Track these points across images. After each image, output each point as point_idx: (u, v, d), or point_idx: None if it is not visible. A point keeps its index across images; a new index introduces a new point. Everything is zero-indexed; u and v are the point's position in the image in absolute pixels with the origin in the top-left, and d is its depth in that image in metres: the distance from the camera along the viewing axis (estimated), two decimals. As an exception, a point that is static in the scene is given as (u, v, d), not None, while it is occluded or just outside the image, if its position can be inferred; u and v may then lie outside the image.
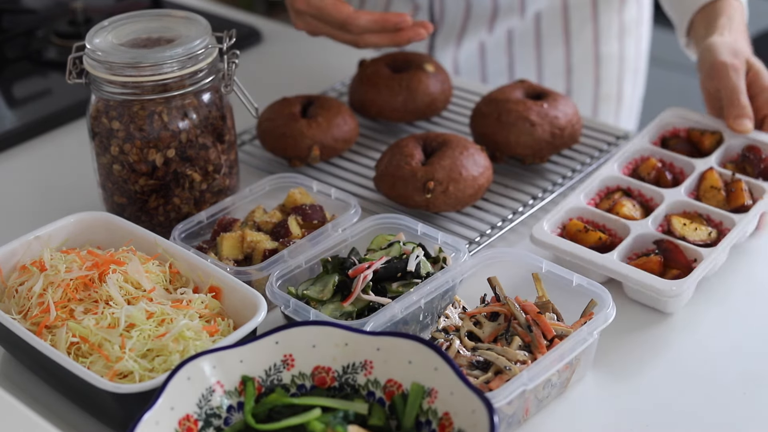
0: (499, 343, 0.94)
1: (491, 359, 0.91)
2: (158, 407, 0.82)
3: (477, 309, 0.98)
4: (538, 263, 1.01)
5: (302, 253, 1.06)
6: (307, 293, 1.01)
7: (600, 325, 0.94)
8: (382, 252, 1.05)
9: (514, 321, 0.95)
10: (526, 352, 0.92)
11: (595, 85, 1.65)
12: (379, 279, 1.01)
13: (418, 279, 1.02)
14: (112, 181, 1.15)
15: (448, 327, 0.97)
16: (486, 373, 0.91)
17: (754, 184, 1.13)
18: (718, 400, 0.95)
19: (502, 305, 0.97)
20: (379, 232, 1.10)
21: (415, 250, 1.03)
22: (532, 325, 0.94)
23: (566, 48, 1.61)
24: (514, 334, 0.94)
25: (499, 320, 0.96)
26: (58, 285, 0.97)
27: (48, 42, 1.65)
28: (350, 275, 1.01)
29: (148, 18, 1.16)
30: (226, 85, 1.14)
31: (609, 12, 1.60)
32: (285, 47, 1.46)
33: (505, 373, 0.90)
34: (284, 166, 1.30)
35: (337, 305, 1.00)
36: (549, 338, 0.93)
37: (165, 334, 0.92)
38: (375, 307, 0.99)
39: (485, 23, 1.58)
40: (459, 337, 0.95)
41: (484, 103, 1.27)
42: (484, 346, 0.94)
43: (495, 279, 1.00)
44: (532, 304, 0.97)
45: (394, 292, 1.01)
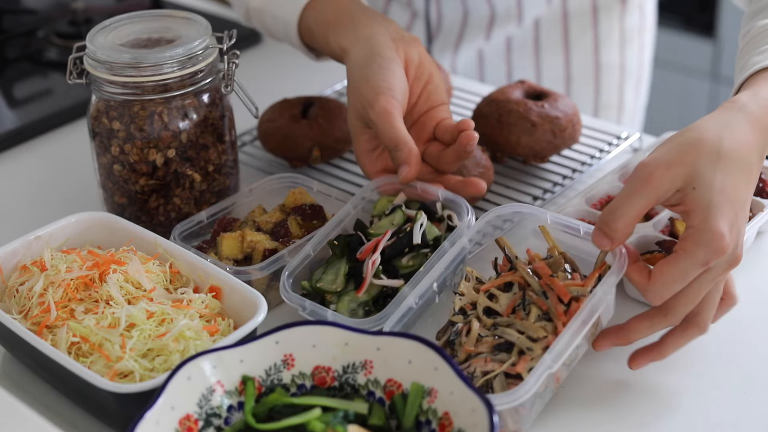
0: (517, 315, 0.93)
1: (512, 340, 0.90)
2: (158, 407, 0.82)
3: (490, 282, 0.96)
4: (543, 215, 1.00)
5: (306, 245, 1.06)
6: (321, 286, 1.01)
7: (614, 280, 0.91)
8: (386, 221, 1.04)
9: (529, 288, 0.94)
10: (546, 321, 0.91)
11: (596, 95, 1.64)
12: (387, 257, 1.01)
13: (426, 248, 1.02)
14: (112, 181, 1.15)
15: (465, 306, 0.95)
16: (509, 354, 0.90)
17: (753, 201, 1.13)
18: (718, 400, 0.95)
19: (515, 273, 0.95)
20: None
21: (419, 218, 1.03)
22: (546, 290, 0.93)
23: (565, 56, 1.60)
24: (530, 302, 0.93)
25: (513, 289, 0.95)
26: (58, 285, 0.97)
27: (48, 42, 1.65)
28: (359, 258, 1.01)
29: (148, 18, 1.16)
30: (226, 85, 1.14)
31: (610, 19, 1.59)
32: (285, 48, 1.46)
33: (528, 354, 0.89)
34: (284, 167, 1.30)
35: (352, 296, 1.00)
36: (566, 302, 0.91)
37: (165, 333, 0.92)
38: (389, 292, 0.99)
39: (483, 30, 1.57)
40: (477, 316, 0.94)
41: (484, 104, 1.27)
42: (503, 321, 0.92)
43: (503, 239, 0.99)
44: (544, 266, 0.94)
45: (405, 268, 1.01)
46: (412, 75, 1.09)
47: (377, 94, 1.04)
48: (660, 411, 0.94)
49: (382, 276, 1.00)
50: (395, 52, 1.08)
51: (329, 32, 1.16)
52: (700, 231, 0.86)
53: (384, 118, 1.03)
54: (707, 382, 0.97)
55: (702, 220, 0.86)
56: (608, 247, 0.90)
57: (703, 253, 0.86)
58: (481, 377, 0.90)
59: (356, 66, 1.08)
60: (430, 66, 1.11)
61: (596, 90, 1.63)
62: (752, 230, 1.10)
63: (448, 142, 1.09)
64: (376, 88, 1.05)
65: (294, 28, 1.22)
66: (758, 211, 1.12)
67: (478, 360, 0.90)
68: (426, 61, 1.10)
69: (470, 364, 0.91)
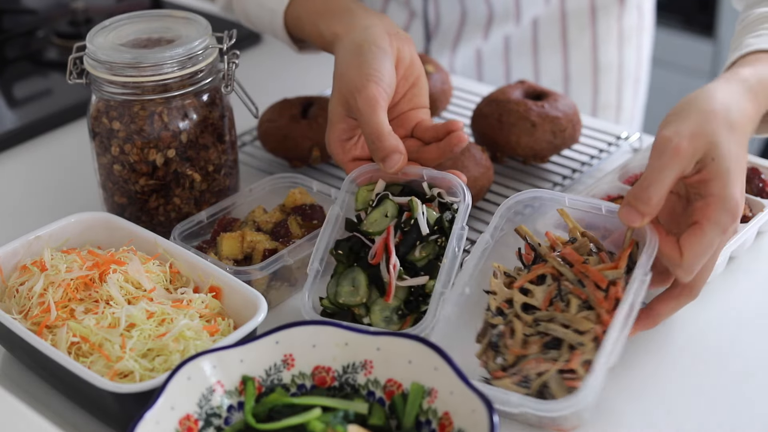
0: (556, 307, 0.92)
1: (559, 335, 0.89)
2: (158, 407, 0.82)
3: (523, 277, 0.95)
4: (560, 198, 0.98)
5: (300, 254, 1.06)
6: (345, 301, 1.00)
7: (650, 258, 0.89)
8: (377, 214, 1.02)
9: (563, 278, 0.92)
10: (587, 309, 0.90)
11: (594, 95, 1.64)
12: (401, 255, 1.00)
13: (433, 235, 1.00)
14: (112, 181, 1.15)
15: (501, 305, 0.94)
16: (558, 350, 0.89)
17: (753, 201, 1.13)
18: (718, 401, 0.95)
19: (546, 265, 0.94)
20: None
21: (417, 207, 1.01)
22: (582, 278, 0.91)
23: (564, 56, 1.60)
24: (567, 293, 0.92)
25: (547, 281, 0.93)
26: (58, 285, 0.97)
27: (48, 42, 1.65)
28: (373, 263, 1.00)
29: (148, 18, 1.16)
30: (226, 85, 1.14)
31: (608, 19, 1.58)
32: (285, 48, 1.46)
33: (579, 348, 0.88)
34: (284, 167, 1.30)
35: (381, 304, 0.99)
36: (604, 287, 0.90)
37: (165, 333, 0.92)
38: (416, 291, 0.98)
39: (481, 30, 1.57)
40: (515, 314, 0.92)
41: (484, 104, 1.27)
42: (543, 315, 0.91)
43: (523, 228, 0.97)
44: (573, 252, 0.93)
45: (420, 260, 0.99)
46: (401, 73, 1.08)
47: (367, 81, 1.03)
48: (660, 411, 0.94)
49: (405, 276, 0.99)
50: (390, 46, 1.07)
51: (320, 20, 1.15)
52: (722, 199, 0.88)
53: (370, 105, 1.02)
54: (708, 383, 0.97)
55: (722, 188, 0.89)
56: (638, 223, 0.89)
57: (726, 219, 0.89)
58: (536, 379, 0.88)
59: (348, 51, 1.07)
60: (419, 69, 1.10)
61: (594, 90, 1.63)
62: (752, 230, 1.10)
63: (428, 141, 1.07)
64: (366, 75, 1.03)
65: (280, 17, 1.22)
66: (758, 211, 1.12)
67: (530, 362, 0.89)
68: (416, 62, 1.10)
69: (521, 367, 0.89)
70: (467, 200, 1.01)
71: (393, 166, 1.01)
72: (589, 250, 0.95)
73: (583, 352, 0.88)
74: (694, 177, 0.90)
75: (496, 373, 0.91)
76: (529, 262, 0.98)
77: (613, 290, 0.90)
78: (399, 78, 1.08)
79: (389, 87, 1.04)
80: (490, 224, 0.99)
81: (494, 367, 0.92)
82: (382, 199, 1.03)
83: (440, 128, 1.06)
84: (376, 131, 1.01)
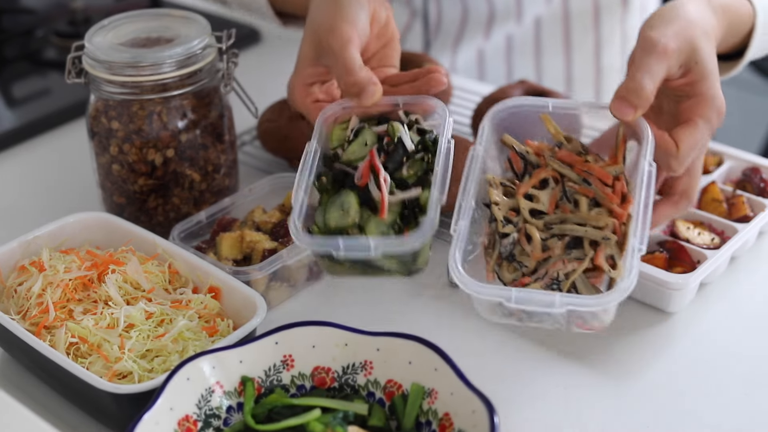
0: (564, 209, 0.91)
1: (580, 234, 0.88)
2: (157, 408, 0.82)
3: (526, 183, 0.93)
4: (544, 103, 0.97)
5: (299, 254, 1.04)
6: (338, 225, 0.94)
7: (650, 151, 0.90)
8: (356, 146, 0.98)
9: (566, 180, 0.92)
10: (595, 206, 0.90)
11: (596, 96, 1.63)
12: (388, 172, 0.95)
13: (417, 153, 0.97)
14: (111, 181, 1.14)
15: (509, 215, 0.92)
16: (580, 250, 0.88)
17: (754, 200, 1.13)
18: (720, 401, 0.95)
19: (547, 169, 0.93)
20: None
21: (397, 127, 0.97)
22: (587, 177, 0.91)
23: (566, 58, 1.60)
24: (573, 193, 0.91)
25: (550, 185, 0.93)
26: (57, 285, 0.97)
27: (47, 42, 1.64)
28: (360, 185, 0.95)
29: (147, 17, 1.16)
30: (225, 85, 1.14)
31: (611, 21, 1.58)
32: (285, 47, 1.46)
33: (603, 243, 0.88)
34: (284, 167, 1.30)
35: (376, 221, 0.93)
36: (610, 183, 0.91)
37: (164, 334, 0.92)
38: (410, 205, 0.94)
39: (482, 28, 1.57)
40: (524, 220, 0.91)
41: (485, 103, 1.27)
42: (554, 218, 0.90)
43: (509, 138, 0.96)
44: (572, 154, 0.93)
45: (409, 177, 0.95)
46: (375, 32, 1.06)
47: (341, 21, 1.01)
48: (661, 411, 0.94)
49: (397, 191, 0.94)
50: (367, 3, 1.05)
51: None
52: (710, 97, 0.95)
53: (342, 42, 0.99)
54: (709, 383, 0.97)
55: (708, 88, 0.95)
56: (631, 117, 0.92)
57: (715, 115, 0.95)
58: (565, 280, 0.88)
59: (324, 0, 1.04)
60: (393, 31, 1.08)
61: (597, 92, 1.63)
62: (754, 231, 1.10)
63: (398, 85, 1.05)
64: (342, 17, 1.01)
65: None
66: (759, 211, 1.11)
67: (556, 264, 0.88)
68: (391, 25, 1.08)
69: (546, 270, 0.88)
70: (448, 117, 0.97)
71: (369, 98, 0.98)
72: (579, 152, 0.95)
73: (607, 246, 0.88)
74: (680, 80, 0.95)
75: (521, 281, 0.89)
76: (520, 171, 0.96)
77: (618, 185, 0.91)
78: (372, 36, 1.06)
79: (363, 33, 1.02)
80: (479, 136, 0.96)
81: (510, 278, 0.90)
82: (359, 131, 0.99)
83: (417, 72, 1.03)
84: (349, 65, 0.98)
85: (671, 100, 0.99)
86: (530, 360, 0.99)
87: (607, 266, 0.88)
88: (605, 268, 0.88)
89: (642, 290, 1.04)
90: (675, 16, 0.96)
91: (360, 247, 0.89)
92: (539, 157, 0.95)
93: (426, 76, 1.02)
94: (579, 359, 0.99)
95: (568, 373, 0.98)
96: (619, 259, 0.88)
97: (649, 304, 1.05)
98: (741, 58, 1.10)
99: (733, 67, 1.11)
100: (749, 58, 1.10)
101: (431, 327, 1.01)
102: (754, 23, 1.06)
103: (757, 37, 1.07)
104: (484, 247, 0.93)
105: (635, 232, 0.87)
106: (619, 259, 0.88)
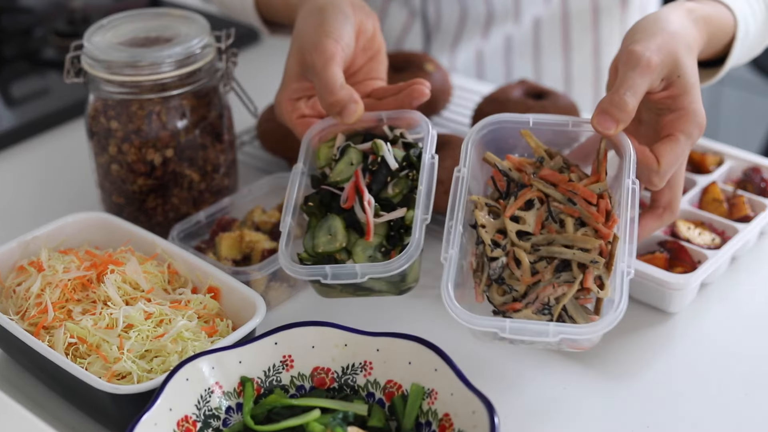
0: (549, 230, 0.92)
1: (568, 257, 0.89)
2: (156, 408, 0.81)
3: (512, 205, 0.93)
4: (524, 119, 0.97)
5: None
6: (325, 250, 0.95)
7: (632, 168, 0.91)
8: (342, 165, 0.99)
9: (550, 200, 0.93)
10: (581, 226, 0.91)
11: (595, 98, 1.63)
12: (374, 195, 0.96)
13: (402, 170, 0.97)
14: (110, 180, 1.14)
15: (496, 238, 0.93)
16: (568, 272, 0.89)
17: (755, 200, 1.13)
18: (720, 401, 0.94)
19: (531, 189, 0.94)
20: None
21: (380, 146, 0.98)
22: (571, 196, 0.92)
23: (565, 58, 1.59)
24: (558, 213, 0.92)
25: (535, 205, 0.93)
26: (56, 285, 0.97)
27: (46, 41, 1.64)
28: (346, 207, 0.96)
29: (146, 17, 1.16)
30: (224, 84, 1.14)
31: (610, 22, 1.58)
32: (284, 47, 1.46)
33: (591, 267, 0.89)
34: (284, 167, 1.30)
35: (363, 244, 0.95)
36: (594, 202, 0.91)
37: (163, 334, 0.92)
38: (396, 225, 0.95)
39: (480, 29, 1.57)
40: (512, 242, 0.91)
41: (485, 103, 1.27)
42: (541, 240, 0.91)
43: (490, 156, 0.96)
44: (555, 173, 0.94)
45: (394, 197, 0.96)
46: (361, 44, 1.07)
47: (325, 37, 1.01)
48: (661, 411, 0.93)
49: (382, 213, 0.95)
50: (352, 15, 1.05)
51: None
52: (691, 112, 0.95)
53: (324, 59, 1.00)
54: (709, 383, 0.97)
55: (690, 102, 0.95)
56: (613, 131, 0.93)
57: (696, 131, 0.96)
58: (555, 304, 0.89)
59: (310, 12, 1.05)
60: (380, 43, 1.09)
61: (596, 93, 1.63)
62: (755, 231, 1.10)
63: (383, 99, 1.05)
64: (325, 32, 1.02)
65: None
66: (760, 211, 1.11)
67: (545, 288, 0.89)
68: (378, 37, 1.08)
69: (536, 294, 0.89)
70: (431, 131, 0.98)
71: (351, 116, 0.99)
72: (561, 168, 0.95)
73: (596, 269, 0.88)
74: (662, 93, 0.96)
75: (512, 306, 0.90)
76: (503, 189, 0.96)
77: (603, 203, 0.92)
78: (358, 49, 1.06)
79: (347, 47, 1.02)
80: (461, 156, 0.96)
81: (500, 300, 0.91)
82: (344, 150, 1.00)
83: (401, 85, 1.04)
84: (330, 84, 0.99)
85: (652, 112, 0.99)
86: (530, 360, 0.99)
87: (595, 287, 0.89)
88: (594, 290, 0.89)
89: (642, 290, 1.04)
90: (658, 29, 0.96)
91: (346, 275, 0.91)
92: (521, 173, 0.95)
93: (409, 88, 1.02)
94: (579, 359, 0.99)
95: (568, 373, 0.98)
96: (606, 279, 0.89)
97: (650, 304, 1.05)
98: (720, 66, 1.10)
99: (713, 75, 1.11)
100: (729, 67, 1.10)
101: (431, 327, 1.01)
102: (735, 34, 1.07)
103: (737, 47, 1.08)
104: (472, 270, 0.94)
105: (623, 256, 0.88)
106: (607, 279, 0.89)
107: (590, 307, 0.91)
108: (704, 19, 1.02)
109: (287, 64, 1.06)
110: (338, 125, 1.01)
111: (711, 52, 1.06)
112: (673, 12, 1.00)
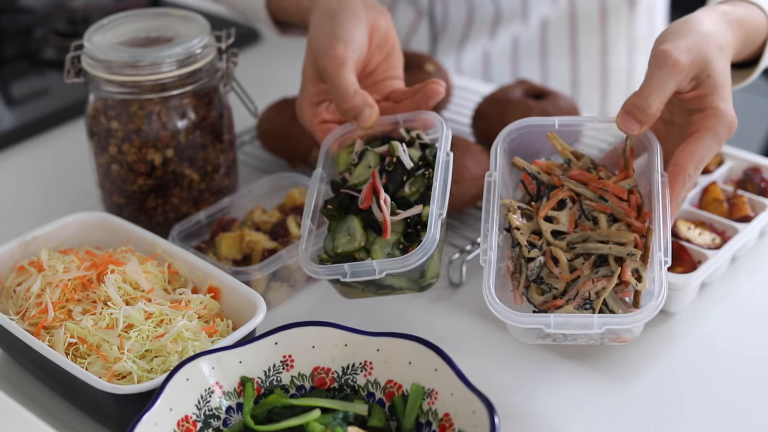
0: (583, 228, 0.93)
1: (605, 252, 0.91)
2: (157, 408, 0.81)
3: (546, 206, 0.95)
4: (550, 123, 0.99)
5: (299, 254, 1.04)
6: (345, 250, 0.96)
7: (660, 163, 0.93)
8: (361, 168, 1.00)
9: (582, 198, 0.94)
10: (613, 222, 0.92)
11: (602, 100, 1.63)
12: (391, 194, 0.98)
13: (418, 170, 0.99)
14: (110, 180, 1.14)
15: (532, 239, 0.94)
16: (606, 267, 0.90)
17: (755, 200, 1.13)
18: (720, 401, 0.94)
19: (562, 189, 0.95)
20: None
21: (396, 146, 0.99)
22: (602, 194, 0.94)
23: (572, 60, 1.59)
24: (591, 211, 0.94)
25: (567, 205, 0.95)
26: (56, 285, 0.97)
27: (46, 41, 1.64)
28: (364, 207, 0.97)
29: (146, 17, 1.16)
30: (225, 84, 1.14)
31: (618, 24, 1.57)
32: (285, 47, 1.46)
33: (629, 259, 0.90)
34: (284, 167, 1.30)
35: (381, 243, 0.96)
36: (625, 198, 0.93)
37: (164, 334, 0.92)
38: (413, 222, 0.95)
39: (487, 29, 1.57)
40: (547, 242, 0.93)
41: (485, 103, 1.27)
42: (576, 238, 0.93)
43: (519, 160, 0.98)
44: (585, 172, 0.96)
45: (411, 195, 0.98)
46: (376, 42, 1.08)
47: (336, 41, 1.02)
48: (662, 411, 0.93)
49: (399, 210, 0.96)
50: (365, 15, 1.06)
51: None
52: (720, 111, 0.95)
53: (336, 64, 1.01)
54: (710, 383, 0.97)
55: (719, 101, 0.95)
56: (637, 131, 0.94)
57: (724, 130, 0.95)
58: (596, 299, 0.90)
59: (322, 15, 1.06)
60: (394, 40, 1.10)
61: (603, 95, 1.62)
62: (755, 231, 1.09)
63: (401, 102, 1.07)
64: (336, 36, 1.03)
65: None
66: (760, 211, 1.11)
67: (585, 284, 0.90)
68: (392, 33, 1.10)
69: (576, 290, 0.90)
70: (446, 129, 1.00)
71: (366, 120, 1.00)
72: (588, 168, 0.97)
73: (633, 261, 0.90)
74: (691, 93, 0.96)
75: (553, 304, 0.91)
76: (534, 192, 0.98)
77: (633, 198, 0.93)
78: (373, 47, 1.07)
79: (359, 49, 1.04)
80: (491, 161, 0.98)
81: (540, 300, 0.92)
82: (362, 154, 1.02)
83: (417, 88, 1.05)
84: (343, 90, 1.00)
85: (683, 113, 0.99)
86: (530, 360, 0.99)
87: (633, 280, 0.90)
88: (632, 282, 0.90)
89: (642, 290, 1.04)
90: (689, 30, 0.96)
91: (365, 272, 0.92)
92: (550, 176, 0.97)
93: (424, 88, 1.04)
94: (579, 359, 0.99)
95: (568, 373, 0.98)
96: (642, 271, 0.91)
97: (650, 304, 1.05)
98: (754, 67, 1.10)
99: (747, 77, 1.11)
100: (762, 67, 1.10)
101: (431, 327, 1.01)
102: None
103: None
104: (509, 273, 0.95)
105: (659, 245, 0.90)
106: (643, 271, 0.91)
107: (628, 300, 0.92)
108: (738, 21, 1.02)
109: (304, 68, 1.07)
110: (356, 131, 1.03)
111: (746, 53, 1.06)
112: (706, 14, 0.99)
